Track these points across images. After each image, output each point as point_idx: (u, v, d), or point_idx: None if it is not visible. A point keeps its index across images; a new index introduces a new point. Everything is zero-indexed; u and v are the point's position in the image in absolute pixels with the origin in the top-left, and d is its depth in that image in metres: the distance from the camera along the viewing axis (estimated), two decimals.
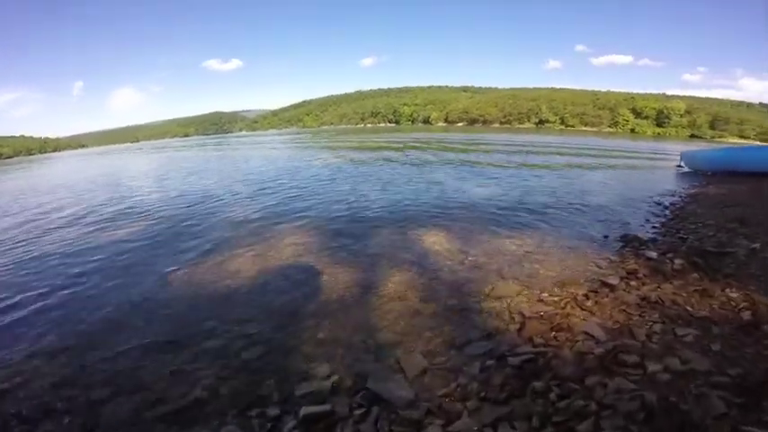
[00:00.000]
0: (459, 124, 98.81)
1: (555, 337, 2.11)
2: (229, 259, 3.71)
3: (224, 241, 4.33)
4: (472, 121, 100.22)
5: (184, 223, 5.20)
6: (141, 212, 6.10)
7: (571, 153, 14.21)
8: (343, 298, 2.79)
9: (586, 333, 2.10)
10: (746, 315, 2.04)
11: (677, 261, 2.82)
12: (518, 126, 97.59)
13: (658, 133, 72.89)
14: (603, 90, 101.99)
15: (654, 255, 3.11)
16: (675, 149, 23.62)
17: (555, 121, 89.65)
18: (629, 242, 3.58)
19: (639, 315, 2.21)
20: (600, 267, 3.13)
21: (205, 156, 19.95)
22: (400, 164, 10.41)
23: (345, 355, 2.17)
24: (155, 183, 9.74)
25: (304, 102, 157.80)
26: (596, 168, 9.53)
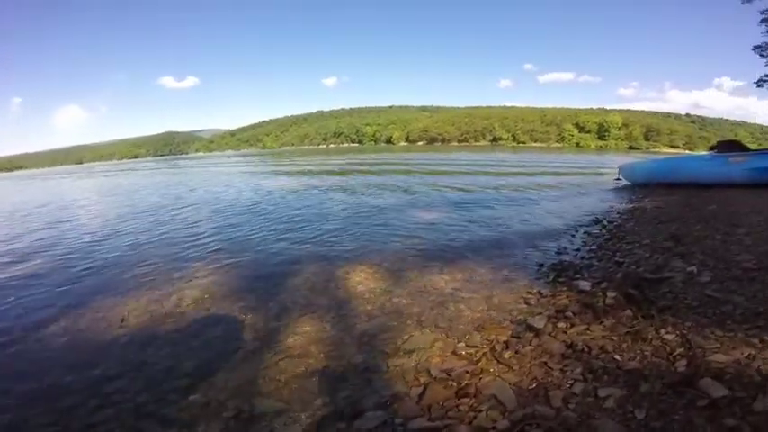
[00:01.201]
0: (420, 143, 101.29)
1: (457, 406, 1.73)
2: (118, 304, 3.18)
3: (117, 283, 3.72)
4: (432, 140, 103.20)
5: (77, 261, 4.39)
6: (29, 247, 5.17)
7: (517, 172, 14.16)
8: (233, 353, 2.43)
9: (495, 398, 1.69)
10: (681, 365, 1.67)
11: (610, 294, 2.45)
12: (474, 144, 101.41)
13: (600, 146, 78.61)
14: (550, 107, 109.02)
15: (587, 286, 2.73)
16: (615, 162, 25.13)
17: (508, 138, 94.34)
18: (564, 270, 3.20)
19: (561, 369, 1.83)
20: (529, 304, 2.74)
21: (146, 181, 18.40)
22: (349, 190, 9.62)
23: (210, 426, 1.82)
24: (65, 213, 8.56)
25: (264, 122, 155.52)
26: (539, 187, 9.32)
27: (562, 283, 2.96)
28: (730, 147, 6.63)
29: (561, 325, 2.28)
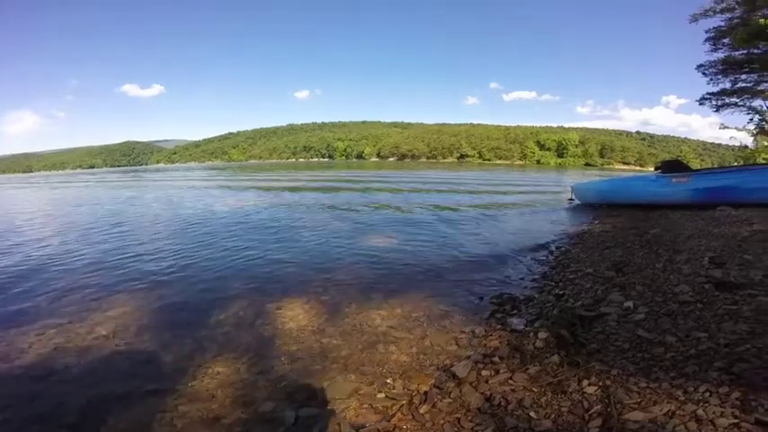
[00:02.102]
0: (391, 159, 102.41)
1: None
2: (21, 335, 2.96)
3: (25, 312, 3.43)
4: (402, 156, 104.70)
5: None
6: None
7: (476, 190, 14.17)
8: (132, 393, 2.25)
9: None
10: (595, 426, 1.45)
11: (541, 335, 2.23)
12: (442, 160, 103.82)
13: (560, 163, 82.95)
14: (513, 125, 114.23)
15: (520, 325, 2.52)
16: (572, 179, 26.15)
17: (474, 156, 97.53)
18: (502, 305, 2.98)
19: (473, 429, 1.66)
20: (459, 345, 2.54)
21: (91, 193, 17.09)
22: (303, 210, 9.03)
23: None
24: None
25: (231, 133, 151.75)
26: (496, 207, 9.27)
27: (498, 320, 2.76)
28: (673, 167, 6.79)
29: (485, 373, 2.07)
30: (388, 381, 2.27)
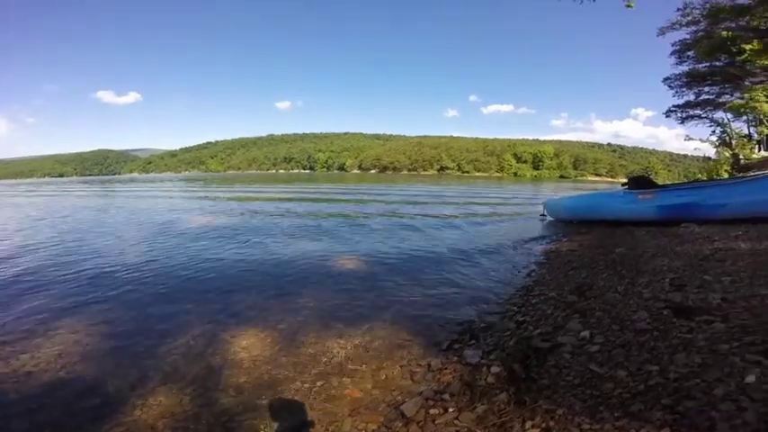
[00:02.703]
0: (372, 171, 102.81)
1: None
2: None
3: None
4: (384, 168, 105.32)
5: None
6: None
7: (452, 203, 14.24)
8: (62, 427, 2.17)
9: None
10: None
11: (494, 370, 2.14)
12: (423, 173, 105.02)
13: (535, 175, 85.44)
14: (491, 138, 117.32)
15: (476, 357, 2.40)
16: (546, 193, 26.67)
17: (453, 168, 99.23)
18: (463, 334, 2.86)
19: None
20: (414, 380, 2.42)
21: (46, 204, 16.24)
22: (275, 228, 8.61)
23: None
24: None
25: (209, 143, 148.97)
26: (470, 223, 9.24)
27: (455, 351, 2.65)
28: (639, 183, 6.93)
29: (433, 411, 1.97)
30: (337, 418, 2.17)
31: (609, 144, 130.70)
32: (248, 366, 2.75)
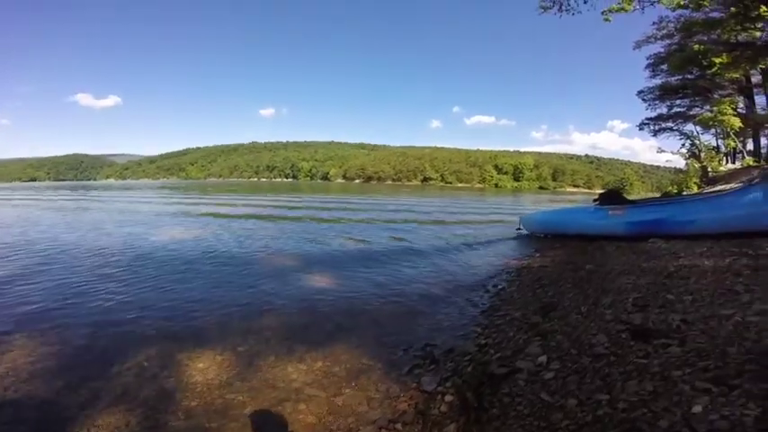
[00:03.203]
0: (357, 181, 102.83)
1: None
2: None
3: None
4: (368, 178, 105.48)
5: None
6: None
7: (431, 219, 13.94)
8: None
9: None
10: None
11: (447, 398, 2.08)
12: (407, 183, 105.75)
13: (516, 187, 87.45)
14: (474, 149, 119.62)
15: (432, 384, 2.33)
16: (526, 205, 27.06)
17: (437, 179, 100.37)
18: (425, 358, 2.79)
19: None
20: (370, 407, 2.34)
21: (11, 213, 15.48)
22: (253, 240, 8.42)
23: None
24: None
25: (189, 149, 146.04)
26: (446, 237, 9.07)
27: (415, 377, 2.58)
28: (610, 199, 7.06)
29: None
30: None
31: (586, 156, 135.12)
32: (201, 390, 2.66)
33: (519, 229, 8.82)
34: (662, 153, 21.54)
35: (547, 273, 4.78)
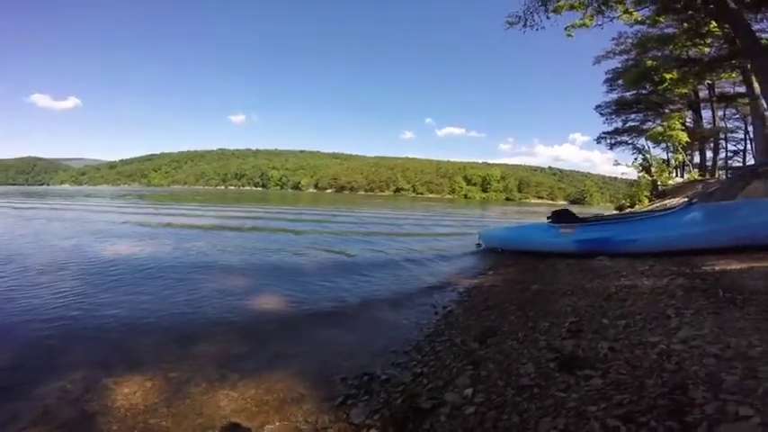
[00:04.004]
0: (329, 191, 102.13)
1: None
2: None
3: None
4: (341, 188, 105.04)
5: None
6: None
7: (399, 232, 13.94)
8: None
9: None
10: None
11: None
12: (379, 193, 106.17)
13: (484, 198, 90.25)
14: (444, 160, 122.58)
15: (361, 417, 2.25)
16: (492, 217, 27.68)
17: (409, 189, 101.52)
18: (360, 387, 2.71)
19: None
20: None
21: None
22: (208, 254, 8.03)
23: None
24: None
25: (153, 155, 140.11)
26: (408, 250, 9.10)
27: (347, 408, 2.49)
28: (562, 217, 7.28)
29: None
30: None
31: (549, 168, 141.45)
32: (124, 415, 2.58)
33: (479, 244, 8.95)
34: (618, 166, 22.73)
35: (495, 293, 4.81)
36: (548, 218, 7.56)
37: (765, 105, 13.13)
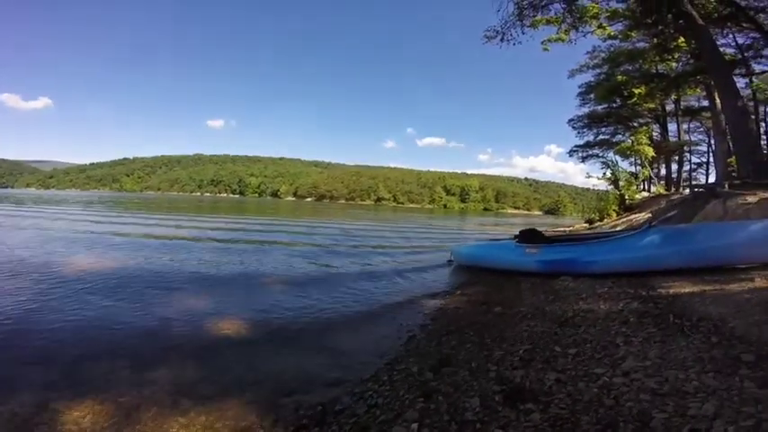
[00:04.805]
0: (309, 199, 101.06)
1: None
2: None
3: None
4: (321, 197, 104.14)
5: None
6: None
7: (374, 245, 13.56)
8: None
9: None
10: None
11: None
12: (360, 202, 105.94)
13: (462, 208, 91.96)
14: (425, 170, 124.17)
15: None
16: (470, 229, 27.97)
17: (389, 199, 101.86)
18: (312, 419, 2.67)
19: None
20: None
21: None
22: (167, 275, 7.33)
23: None
24: None
25: (126, 159, 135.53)
26: (381, 262, 9.18)
27: None
28: (528, 237, 7.45)
29: None
30: None
31: (526, 179, 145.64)
32: None
33: (450, 260, 9.07)
34: (590, 178, 23.49)
35: (458, 316, 4.85)
36: (514, 237, 7.74)
37: (725, 121, 13.87)
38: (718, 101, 14.36)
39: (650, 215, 15.03)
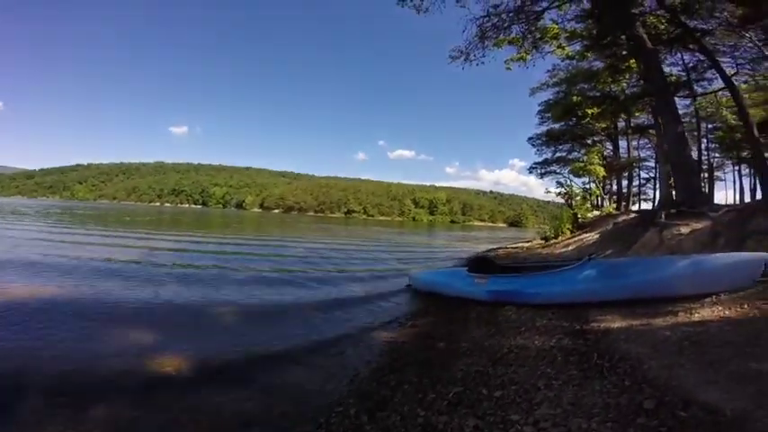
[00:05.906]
0: (276, 211, 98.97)
1: None
2: None
3: None
4: (289, 209, 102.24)
5: None
6: None
7: (336, 267, 13.40)
8: None
9: None
10: None
11: None
12: (330, 215, 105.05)
13: (431, 220, 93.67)
14: (395, 182, 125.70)
15: None
16: (439, 244, 28.36)
17: (360, 212, 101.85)
18: None
19: None
20: None
21: None
22: (110, 302, 6.83)
23: None
24: None
25: (79, 165, 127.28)
26: (342, 282, 9.30)
27: None
28: (478, 266, 7.80)
29: None
30: None
31: (491, 191, 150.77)
32: None
33: (409, 285, 9.29)
34: (549, 193, 24.47)
35: (404, 351, 5.00)
36: (465, 265, 8.10)
37: (666, 144, 14.82)
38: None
39: (598, 236, 16.10)
